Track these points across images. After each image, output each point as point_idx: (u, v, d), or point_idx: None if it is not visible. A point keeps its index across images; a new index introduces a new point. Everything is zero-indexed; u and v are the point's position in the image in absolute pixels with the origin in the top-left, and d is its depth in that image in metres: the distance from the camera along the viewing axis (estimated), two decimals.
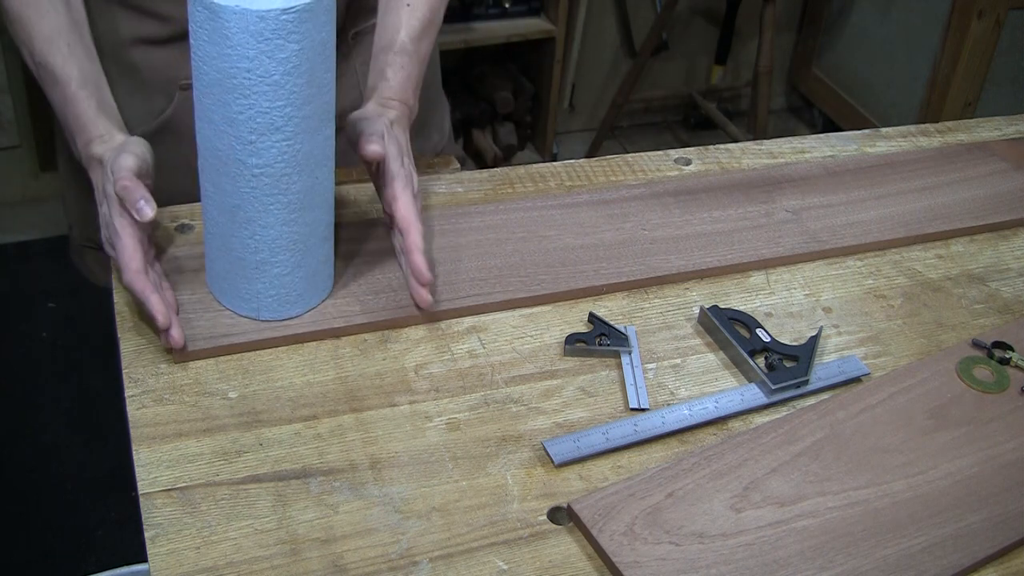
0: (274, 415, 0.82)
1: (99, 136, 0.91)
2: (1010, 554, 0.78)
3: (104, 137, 0.90)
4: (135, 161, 0.85)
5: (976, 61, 2.50)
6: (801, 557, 0.74)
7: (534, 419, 0.84)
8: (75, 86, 0.92)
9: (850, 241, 1.06)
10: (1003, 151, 1.24)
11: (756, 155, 1.20)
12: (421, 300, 0.90)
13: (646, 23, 2.84)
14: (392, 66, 0.99)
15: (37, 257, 2.40)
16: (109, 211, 0.85)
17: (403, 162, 0.92)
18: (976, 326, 0.99)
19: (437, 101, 1.30)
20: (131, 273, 0.83)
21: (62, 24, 0.93)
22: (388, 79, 0.99)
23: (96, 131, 0.91)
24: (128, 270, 0.83)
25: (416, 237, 0.89)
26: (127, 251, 0.84)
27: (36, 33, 0.93)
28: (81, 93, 0.92)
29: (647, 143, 3.02)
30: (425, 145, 1.27)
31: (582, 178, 1.12)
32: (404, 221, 0.90)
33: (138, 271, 0.83)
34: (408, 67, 1.00)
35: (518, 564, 0.73)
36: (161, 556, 0.71)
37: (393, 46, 1.00)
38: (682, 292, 0.99)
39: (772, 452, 0.82)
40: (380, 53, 1.01)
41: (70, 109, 0.92)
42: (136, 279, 0.83)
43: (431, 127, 1.27)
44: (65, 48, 0.93)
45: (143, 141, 0.89)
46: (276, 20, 0.76)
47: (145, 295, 0.83)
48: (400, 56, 1.00)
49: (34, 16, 0.93)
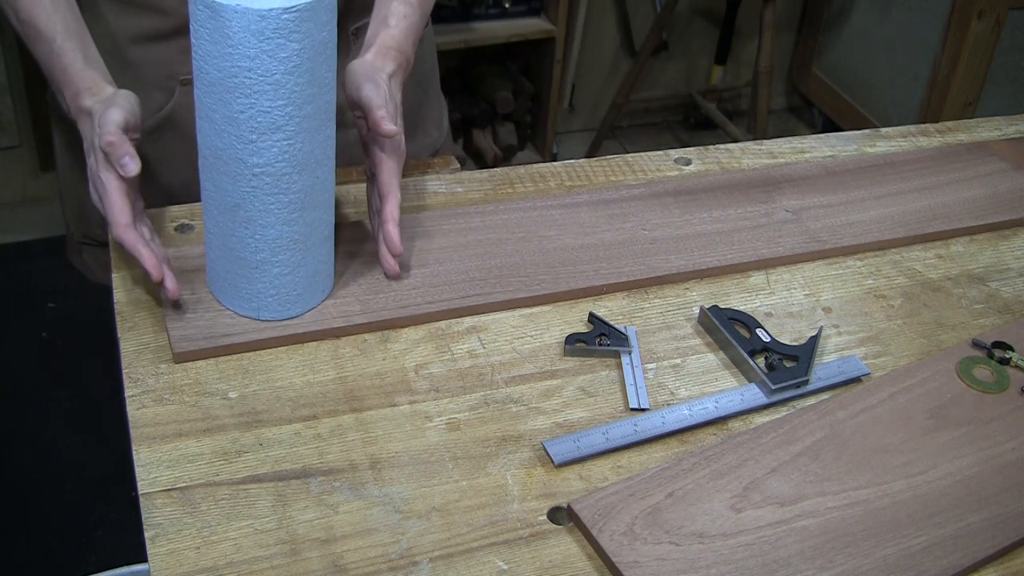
0: (274, 415, 0.82)
1: (87, 88, 0.90)
2: (1010, 554, 0.78)
3: (92, 89, 0.90)
4: (122, 115, 0.85)
5: (976, 61, 2.50)
6: (801, 557, 0.74)
7: (534, 419, 0.84)
8: (60, 39, 0.92)
9: (850, 241, 1.06)
10: (1003, 151, 1.24)
11: (756, 155, 1.20)
12: (389, 269, 0.92)
13: (646, 23, 2.85)
14: (395, 15, 0.99)
15: (37, 257, 2.40)
16: (96, 164, 0.86)
17: (396, 121, 0.92)
18: (976, 326, 0.99)
19: (435, 98, 1.29)
20: (120, 228, 0.84)
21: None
22: (390, 26, 0.98)
23: (84, 83, 0.91)
24: (117, 224, 0.84)
25: (393, 207, 0.91)
26: (115, 206, 0.84)
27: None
28: (67, 45, 0.92)
29: (647, 143, 3.02)
30: (423, 141, 1.27)
31: (582, 178, 1.12)
32: (385, 187, 0.91)
33: (127, 225, 0.84)
34: (411, 17, 0.99)
35: (518, 564, 0.73)
36: (161, 556, 0.71)
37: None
38: (682, 292, 0.99)
39: (772, 452, 0.82)
40: (383, 2, 1.00)
41: (56, 62, 0.92)
42: (126, 233, 0.84)
43: (429, 123, 1.27)
44: (48, 4, 0.93)
45: (131, 94, 0.89)
46: (277, 19, 0.76)
47: (136, 249, 0.84)
48: (404, 6, 0.99)
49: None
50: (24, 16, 0.93)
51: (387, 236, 0.91)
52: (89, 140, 0.89)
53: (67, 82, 0.91)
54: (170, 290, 0.85)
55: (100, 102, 0.88)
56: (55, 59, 0.92)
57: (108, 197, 0.84)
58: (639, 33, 2.88)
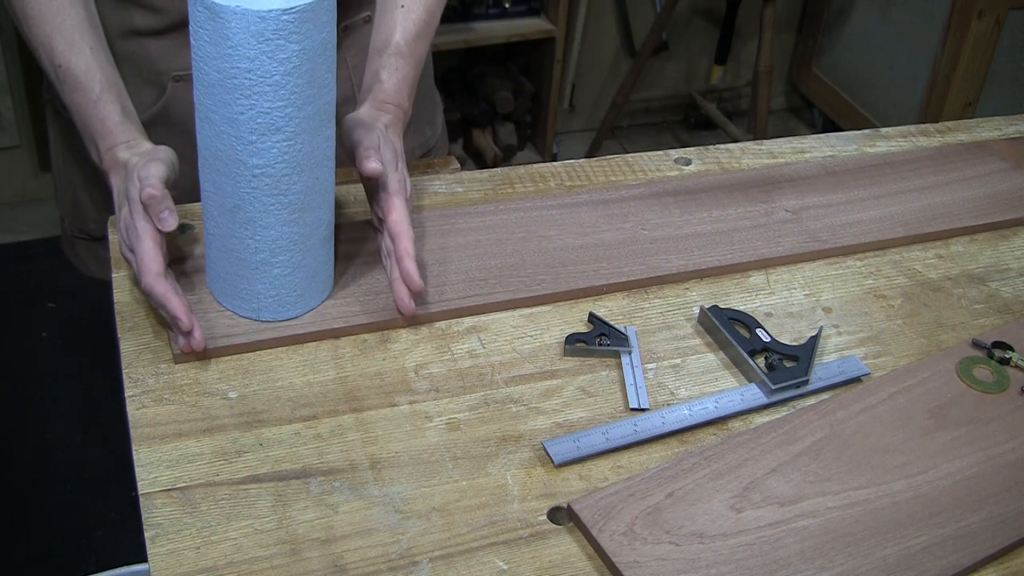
0: (274, 415, 0.82)
1: (125, 142, 0.91)
2: (1010, 554, 0.78)
3: (131, 143, 0.91)
4: (165, 170, 0.86)
5: (976, 61, 2.50)
6: (801, 557, 0.74)
7: (534, 419, 0.84)
8: (99, 90, 0.92)
9: (850, 241, 1.07)
10: (1003, 151, 1.24)
11: (756, 155, 1.20)
12: (404, 307, 0.90)
13: (646, 23, 2.85)
14: (387, 68, 1.00)
15: (37, 257, 2.40)
16: (131, 214, 0.86)
17: (397, 166, 0.93)
18: (976, 326, 0.99)
19: (429, 96, 1.30)
20: (151, 276, 0.83)
21: (83, 26, 0.94)
22: (383, 81, 0.99)
23: (123, 136, 0.91)
24: (148, 273, 0.84)
25: (407, 244, 0.89)
26: (148, 255, 0.84)
27: (56, 35, 0.93)
28: (106, 97, 0.92)
29: (647, 143, 3.02)
30: (416, 139, 1.27)
31: (582, 178, 1.13)
32: (396, 226, 0.90)
33: (158, 275, 0.84)
34: (403, 69, 1.00)
35: (518, 564, 0.73)
36: (161, 556, 0.71)
37: (388, 48, 1.01)
38: (682, 292, 0.99)
39: (772, 452, 0.82)
40: (375, 55, 1.01)
41: (94, 112, 0.92)
42: (156, 283, 0.83)
43: (422, 121, 1.28)
44: (88, 51, 0.93)
45: (171, 150, 0.89)
46: (277, 20, 0.76)
47: (166, 298, 0.83)
48: (395, 58, 1.00)
49: (55, 17, 0.93)
50: (61, 62, 0.93)
51: (405, 272, 0.88)
52: (122, 191, 0.89)
53: (104, 134, 0.92)
54: (197, 340, 0.84)
55: (139, 155, 0.89)
56: (91, 109, 0.92)
57: (142, 246, 0.84)
58: (639, 33, 2.88)
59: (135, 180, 0.86)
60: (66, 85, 0.93)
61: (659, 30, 2.70)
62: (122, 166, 0.90)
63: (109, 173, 0.92)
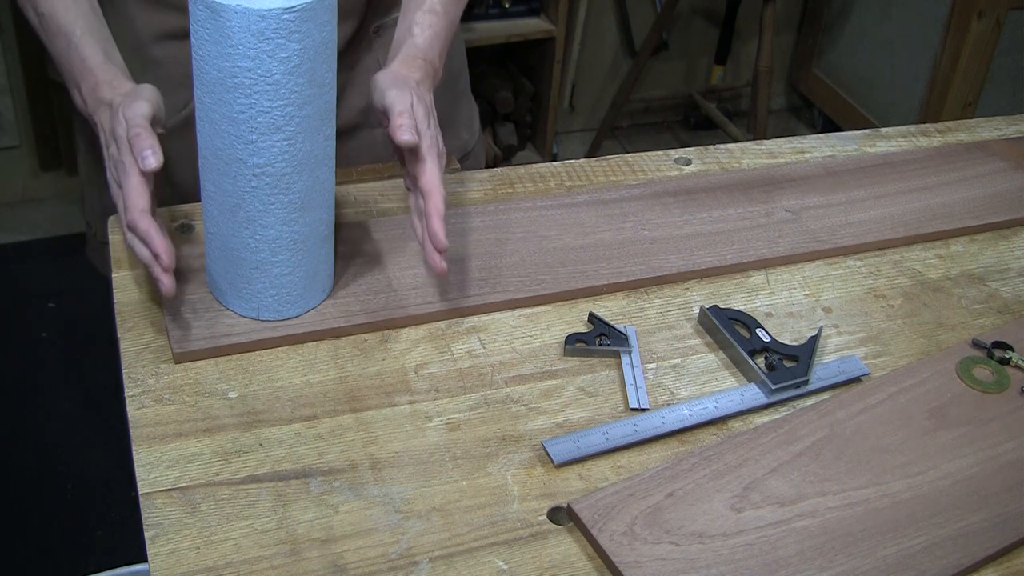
0: (274, 415, 0.82)
1: (107, 81, 0.90)
2: (1010, 554, 0.78)
3: (113, 83, 0.90)
4: (149, 108, 0.85)
5: (976, 61, 2.50)
6: (801, 557, 0.74)
7: (534, 419, 0.84)
8: (80, 32, 0.92)
9: (850, 241, 1.07)
10: (1003, 151, 1.24)
11: (756, 155, 1.20)
12: (436, 266, 0.87)
13: (646, 23, 2.85)
14: (420, 24, 0.98)
15: (37, 257, 2.40)
16: (118, 151, 0.85)
17: (429, 124, 0.90)
18: (976, 326, 0.99)
19: (465, 100, 1.28)
20: (136, 212, 0.82)
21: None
22: (415, 35, 0.97)
23: (104, 76, 0.91)
24: (134, 209, 0.82)
25: (439, 201, 0.87)
26: (134, 191, 0.82)
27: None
28: (87, 39, 0.92)
29: (647, 143, 3.02)
30: (454, 144, 1.26)
31: (582, 178, 1.12)
32: (429, 184, 0.88)
33: (143, 211, 0.82)
34: (436, 26, 0.99)
35: (518, 564, 0.73)
36: (161, 556, 0.71)
37: (423, 5, 0.99)
38: (682, 292, 0.99)
39: (772, 452, 0.82)
40: (408, 12, 1.00)
41: (75, 54, 0.91)
42: (141, 218, 0.81)
43: (459, 125, 1.26)
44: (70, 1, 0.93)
45: (155, 88, 0.88)
46: (277, 19, 0.76)
47: (149, 233, 0.81)
48: (429, 15, 0.99)
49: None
50: (44, 9, 0.93)
51: (432, 230, 0.86)
52: (108, 129, 0.88)
53: (86, 74, 0.91)
54: (167, 285, 0.82)
55: (122, 94, 0.88)
56: (73, 52, 0.91)
57: (128, 181, 0.82)
58: (639, 33, 2.88)
59: (120, 119, 0.84)
60: (48, 32, 0.93)
61: (659, 30, 2.70)
62: (106, 105, 0.89)
63: (94, 114, 0.91)
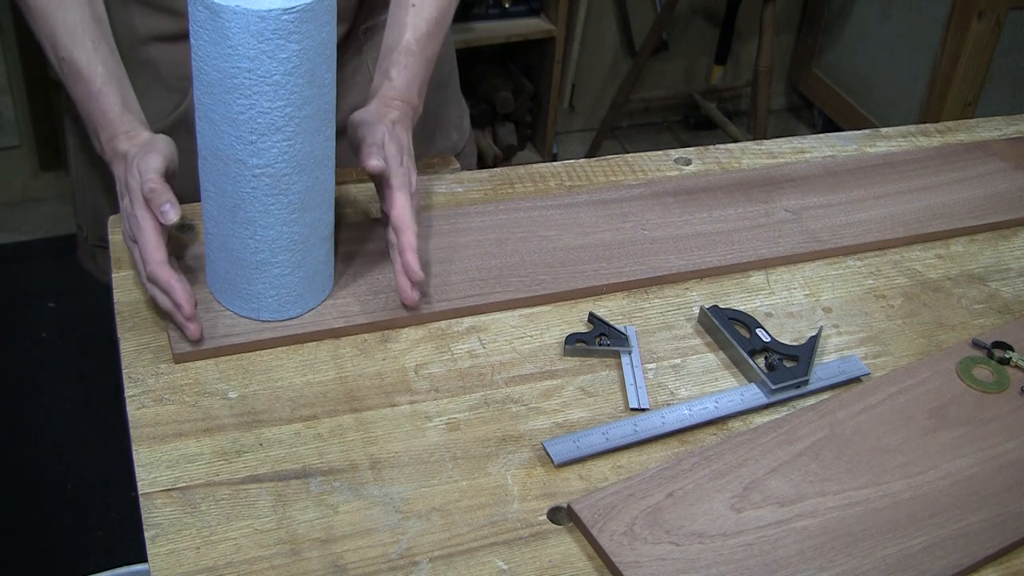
0: (274, 415, 0.82)
1: (124, 132, 0.92)
2: (1010, 554, 0.78)
3: (130, 133, 0.92)
4: (162, 161, 0.86)
5: (976, 61, 2.50)
6: (801, 557, 0.74)
7: (534, 419, 0.84)
8: (100, 82, 0.93)
9: (850, 241, 1.07)
10: (1003, 151, 1.24)
11: (756, 155, 1.20)
12: (407, 298, 0.90)
13: (646, 23, 2.85)
14: (396, 66, 1.00)
15: (37, 257, 2.40)
16: (132, 205, 0.86)
17: (402, 161, 0.93)
18: (976, 326, 0.99)
19: (455, 100, 1.30)
20: (154, 264, 0.84)
21: (86, 20, 0.94)
22: (392, 79, 0.99)
23: (122, 127, 0.92)
24: (152, 261, 0.84)
25: (410, 237, 0.90)
26: (151, 243, 0.84)
27: (60, 28, 0.94)
28: (106, 89, 0.93)
29: (647, 143, 3.02)
30: (444, 143, 1.26)
31: (582, 178, 1.12)
32: (398, 220, 0.90)
33: (161, 262, 0.84)
34: (413, 66, 1.00)
35: (518, 564, 0.73)
36: (161, 556, 0.71)
37: (398, 46, 1.01)
38: (682, 292, 0.99)
39: (772, 452, 0.82)
40: (386, 53, 1.02)
41: (95, 105, 0.93)
42: (160, 270, 0.84)
43: (449, 125, 1.27)
44: (90, 44, 0.93)
45: (168, 139, 0.90)
46: (277, 20, 0.76)
47: (170, 284, 0.84)
48: (405, 56, 1.00)
49: (57, 11, 0.94)
50: (64, 54, 0.94)
51: (406, 264, 0.89)
52: (123, 181, 0.90)
53: (105, 125, 0.92)
54: (192, 331, 0.85)
55: (137, 146, 0.90)
56: (93, 101, 0.93)
57: (144, 235, 0.85)
58: (639, 33, 2.88)
59: (135, 171, 0.86)
60: (69, 77, 0.94)
61: (659, 30, 2.70)
62: (122, 157, 0.91)
63: (111, 164, 0.93)
